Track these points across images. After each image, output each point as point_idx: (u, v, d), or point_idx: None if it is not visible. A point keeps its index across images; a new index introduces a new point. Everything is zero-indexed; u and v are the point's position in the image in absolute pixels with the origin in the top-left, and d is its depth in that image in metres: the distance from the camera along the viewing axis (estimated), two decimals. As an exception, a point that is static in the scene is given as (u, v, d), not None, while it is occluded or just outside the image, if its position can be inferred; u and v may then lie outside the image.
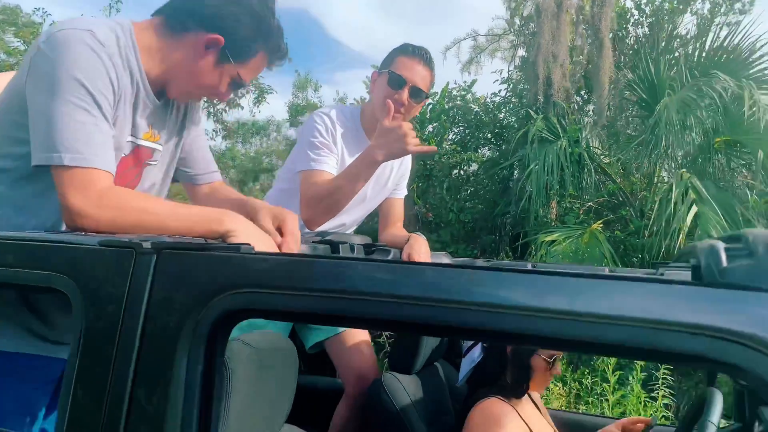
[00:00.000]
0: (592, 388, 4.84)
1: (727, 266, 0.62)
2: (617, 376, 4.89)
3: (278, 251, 1.25)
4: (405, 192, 2.25)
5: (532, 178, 5.89)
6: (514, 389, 1.79)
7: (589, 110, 7.47)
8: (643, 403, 4.72)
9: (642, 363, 4.96)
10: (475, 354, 1.85)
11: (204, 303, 0.79)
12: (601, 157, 6.68)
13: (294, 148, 2.17)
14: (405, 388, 1.73)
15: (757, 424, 1.79)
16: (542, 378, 1.79)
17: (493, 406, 1.72)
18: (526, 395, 1.86)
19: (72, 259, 0.90)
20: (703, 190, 5.08)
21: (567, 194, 6.02)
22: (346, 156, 2.07)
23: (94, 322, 0.85)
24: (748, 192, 5.43)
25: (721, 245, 0.63)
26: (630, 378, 4.96)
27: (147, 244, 0.86)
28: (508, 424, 1.67)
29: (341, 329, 2.15)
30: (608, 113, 6.67)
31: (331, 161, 1.99)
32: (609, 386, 4.78)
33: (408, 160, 2.25)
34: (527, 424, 1.75)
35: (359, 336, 2.15)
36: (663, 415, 4.47)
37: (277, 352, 1.27)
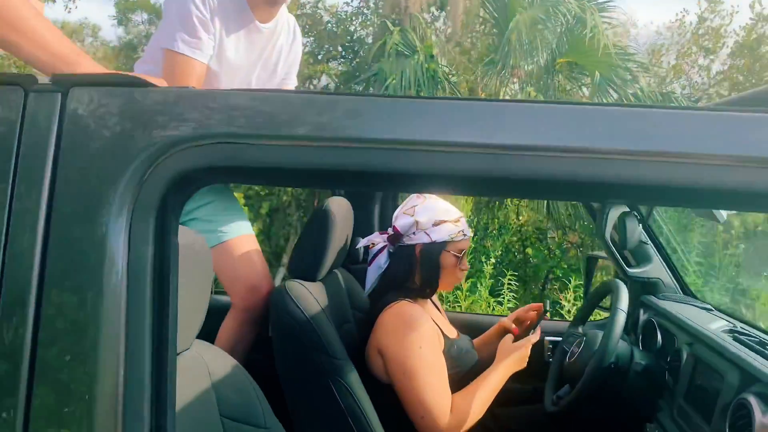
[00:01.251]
0: (445, 295, 5.07)
1: None
2: (469, 284, 5.18)
3: None
4: (295, 82, 2.00)
5: (389, 93, 5.79)
6: (423, 290, 1.74)
7: (440, 27, 7.47)
8: (492, 308, 5.07)
9: (490, 270, 5.32)
10: (382, 260, 1.76)
11: (152, 160, 0.55)
12: (450, 75, 6.76)
13: (161, 22, 1.80)
14: (313, 295, 1.58)
15: (641, 311, 1.93)
16: (451, 275, 1.75)
17: (403, 308, 1.65)
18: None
19: None
20: (548, 108, 5.36)
21: (422, 111, 6.02)
22: (224, 35, 1.75)
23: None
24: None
25: None
26: (479, 285, 5.29)
27: (44, 80, 0.58)
28: (421, 326, 1.62)
29: (226, 237, 1.90)
30: (461, 31, 6.72)
31: (206, 47, 1.67)
32: (462, 293, 5.05)
33: (299, 45, 1.98)
34: (437, 324, 1.71)
35: (247, 244, 1.92)
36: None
37: (190, 251, 1.03)
